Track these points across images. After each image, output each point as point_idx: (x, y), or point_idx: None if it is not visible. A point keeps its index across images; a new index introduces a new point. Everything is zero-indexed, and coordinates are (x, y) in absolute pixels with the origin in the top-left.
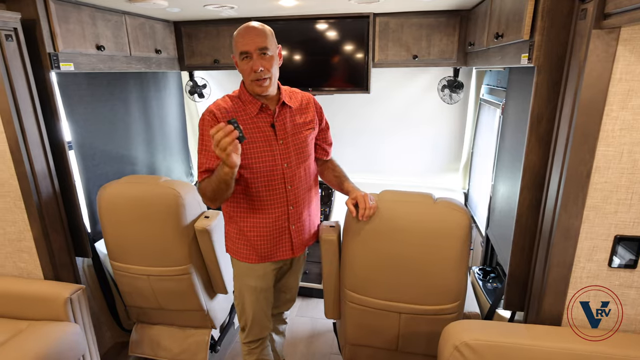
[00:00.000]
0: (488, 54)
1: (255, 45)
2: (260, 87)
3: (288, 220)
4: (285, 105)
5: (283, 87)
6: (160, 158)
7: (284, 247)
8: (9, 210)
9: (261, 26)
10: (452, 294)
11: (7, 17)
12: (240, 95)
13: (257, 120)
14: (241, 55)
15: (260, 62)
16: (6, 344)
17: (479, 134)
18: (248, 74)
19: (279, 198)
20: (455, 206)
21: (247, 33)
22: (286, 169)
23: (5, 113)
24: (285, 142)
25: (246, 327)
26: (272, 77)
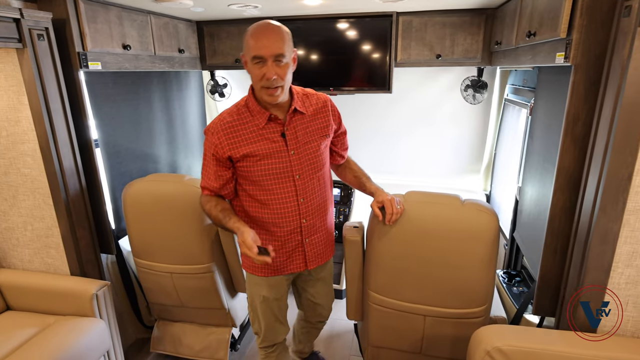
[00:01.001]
0: (517, 53)
1: (271, 52)
2: (270, 96)
3: (301, 234)
4: (297, 112)
5: (296, 90)
6: (181, 157)
7: (297, 260)
8: (37, 207)
9: (279, 28)
10: (479, 297)
11: (40, 17)
12: (248, 103)
13: (265, 132)
14: (254, 59)
15: (275, 69)
16: (35, 338)
17: (502, 135)
18: (259, 79)
19: (291, 212)
20: (484, 208)
21: (264, 35)
22: (298, 181)
23: (36, 112)
24: (297, 152)
25: (260, 333)
26: (285, 85)
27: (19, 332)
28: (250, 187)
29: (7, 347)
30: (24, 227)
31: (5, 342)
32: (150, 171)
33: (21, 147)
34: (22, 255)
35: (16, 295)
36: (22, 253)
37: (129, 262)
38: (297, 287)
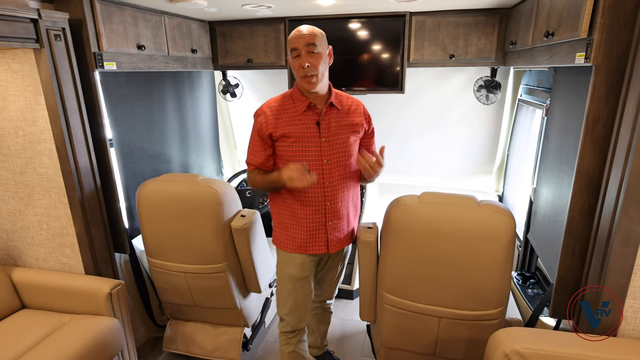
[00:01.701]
0: (533, 53)
1: (304, 41)
2: (308, 83)
3: (325, 215)
4: (333, 106)
5: (335, 90)
6: (193, 156)
7: (320, 241)
8: (53, 206)
9: (312, 27)
10: (495, 299)
11: (57, 17)
12: (293, 93)
13: (303, 118)
14: (292, 52)
15: (308, 58)
16: (51, 336)
17: (515, 136)
18: (297, 70)
19: (318, 193)
20: (501, 209)
21: (299, 31)
22: (326, 166)
23: (53, 111)
24: (328, 140)
25: (285, 316)
26: (319, 74)
27: (35, 331)
28: (284, 164)
29: (24, 345)
30: (39, 226)
31: (21, 340)
32: (162, 171)
33: (37, 146)
34: (37, 254)
35: (31, 293)
36: (37, 252)
37: (141, 261)
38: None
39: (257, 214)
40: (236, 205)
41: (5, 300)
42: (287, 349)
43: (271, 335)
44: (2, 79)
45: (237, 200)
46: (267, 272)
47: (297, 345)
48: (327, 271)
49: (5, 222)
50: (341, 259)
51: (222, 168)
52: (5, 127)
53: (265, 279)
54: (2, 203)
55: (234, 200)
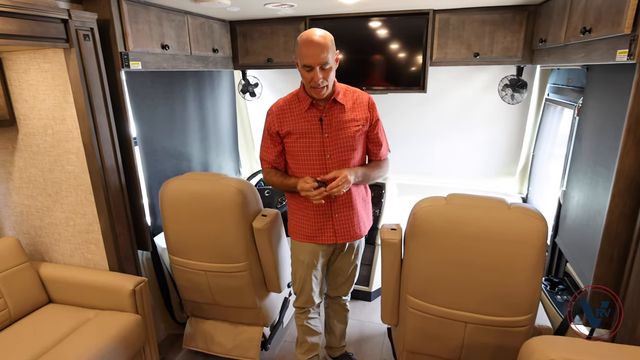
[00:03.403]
0: (565, 51)
1: (317, 61)
2: (317, 93)
3: (331, 207)
4: (336, 102)
5: (339, 85)
6: (213, 155)
7: (327, 232)
8: (79, 203)
9: (324, 39)
10: (525, 305)
11: (86, 18)
12: (298, 92)
13: (307, 115)
14: (304, 67)
15: (321, 73)
16: (77, 331)
17: (542, 136)
18: (308, 81)
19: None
20: (532, 212)
21: (312, 47)
22: (328, 160)
23: (81, 110)
24: (331, 135)
25: (296, 294)
26: (329, 84)
27: (62, 325)
28: (291, 162)
29: (52, 338)
30: (66, 222)
31: (49, 334)
32: (184, 169)
33: (66, 144)
34: (63, 249)
35: (58, 288)
36: (64, 248)
37: (163, 258)
38: (327, 263)
39: (278, 214)
40: (258, 205)
41: (34, 294)
42: (299, 321)
43: (289, 335)
44: (33, 79)
45: (258, 200)
46: (287, 272)
47: (307, 320)
48: (339, 264)
49: (34, 218)
50: (353, 254)
51: (240, 167)
52: (35, 126)
53: (285, 279)
54: (31, 200)
55: (255, 200)
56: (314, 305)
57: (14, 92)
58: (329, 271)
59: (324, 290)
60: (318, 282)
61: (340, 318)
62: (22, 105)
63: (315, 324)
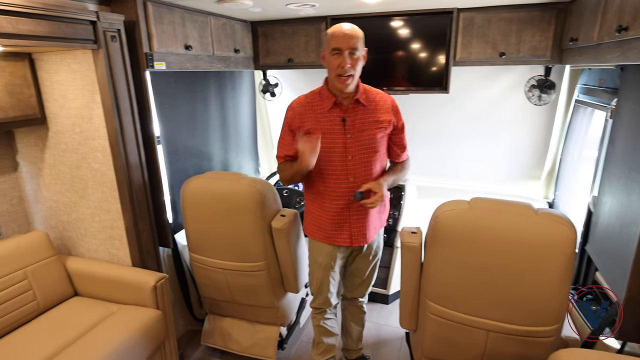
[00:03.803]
0: (599, 50)
1: (348, 45)
2: (342, 83)
3: (349, 209)
4: (359, 103)
5: (362, 86)
6: (233, 155)
7: (344, 234)
8: (105, 200)
9: (354, 28)
10: (551, 315)
11: (113, 19)
12: (321, 91)
13: (329, 114)
14: (333, 50)
15: (349, 60)
16: (101, 324)
17: (570, 139)
18: (335, 68)
19: (342, 187)
20: (561, 219)
21: (343, 32)
22: (350, 162)
23: (107, 110)
24: (353, 136)
25: (313, 294)
26: (355, 75)
27: (87, 317)
28: None
29: (77, 330)
30: (91, 218)
31: (74, 326)
32: (204, 168)
33: (92, 142)
34: (89, 244)
35: (83, 282)
36: (89, 243)
37: (183, 255)
38: (345, 264)
39: (297, 214)
40: (277, 204)
41: (61, 287)
42: (315, 322)
43: (305, 335)
44: (63, 79)
45: (277, 200)
46: (304, 272)
47: (323, 321)
48: (357, 265)
49: (62, 213)
50: (371, 255)
51: (259, 167)
52: (65, 124)
53: (303, 279)
54: (59, 195)
55: (275, 200)
56: (331, 306)
57: (45, 91)
58: (347, 272)
59: (340, 292)
60: (335, 283)
61: (357, 320)
62: (52, 105)
63: (332, 325)
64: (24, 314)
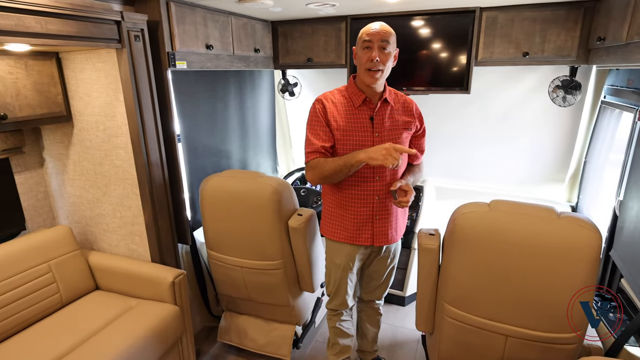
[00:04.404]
0: (628, 50)
1: (379, 37)
2: (371, 77)
3: (373, 209)
4: (387, 102)
5: (389, 87)
6: (251, 154)
7: (366, 234)
8: (126, 196)
9: (387, 26)
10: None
11: (137, 19)
12: (348, 88)
13: (358, 112)
14: (364, 43)
15: (379, 53)
16: (121, 318)
17: (595, 141)
18: (365, 61)
19: (368, 187)
20: (585, 223)
21: (375, 27)
22: None
23: (130, 108)
24: (381, 135)
25: (329, 295)
26: (385, 70)
27: (107, 311)
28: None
29: (98, 323)
30: (113, 214)
31: (95, 319)
32: (223, 167)
33: (115, 140)
34: (110, 240)
35: (104, 276)
36: (111, 238)
37: (201, 253)
38: (362, 266)
39: (313, 213)
40: (294, 204)
41: (84, 280)
42: (331, 323)
43: (320, 335)
44: (88, 77)
45: (295, 199)
46: (320, 271)
47: (340, 322)
48: (374, 268)
49: (85, 208)
50: (389, 258)
51: (277, 166)
52: (89, 122)
53: (319, 279)
54: (83, 191)
55: (292, 199)
56: (347, 308)
57: (70, 89)
58: (364, 274)
59: (357, 293)
60: (353, 285)
61: (372, 322)
62: (77, 102)
63: (348, 326)
64: (47, 307)
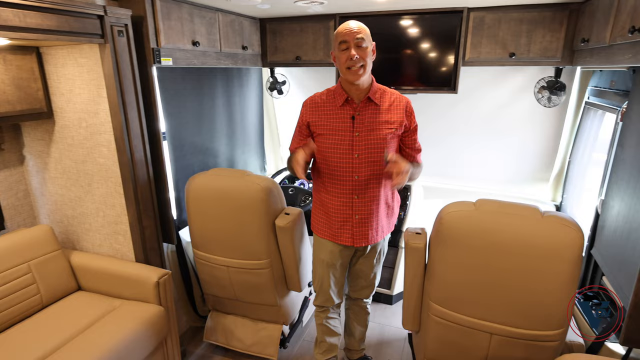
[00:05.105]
0: (610, 52)
1: (353, 36)
2: (354, 74)
3: (352, 208)
4: (371, 102)
5: (377, 85)
6: (239, 152)
7: (346, 233)
8: (110, 195)
9: (360, 24)
10: (556, 319)
11: (121, 14)
12: (335, 88)
13: (340, 111)
14: (340, 45)
15: (356, 50)
16: (104, 319)
17: (579, 142)
18: (344, 61)
19: (346, 185)
20: (568, 222)
21: (348, 27)
22: (356, 160)
23: (113, 105)
24: (361, 134)
25: (316, 292)
26: (366, 65)
27: (90, 312)
28: (319, 157)
29: (79, 325)
30: (96, 213)
31: (77, 320)
32: (210, 165)
33: (98, 137)
34: (93, 239)
35: (87, 277)
36: (94, 237)
37: (187, 252)
38: (350, 264)
39: (301, 212)
40: (281, 203)
41: (65, 281)
42: (318, 320)
43: (308, 334)
44: (70, 73)
45: (282, 198)
46: (307, 271)
47: (326, 320)
48: (360, 266)
49: (67, 207)
50: (375, 257)
51: (265, 165)
52: (71, 119)
53: (306, 278)
54: (65, 190)
55: (279, 198)
56: (333, 304)
57: (52, 85)
58: (351, 273)
59: (345, 291)
60: (337, 281)
61: (360, 320)
62: (59, 99)
63: (335, 324)
64: (27, 308)
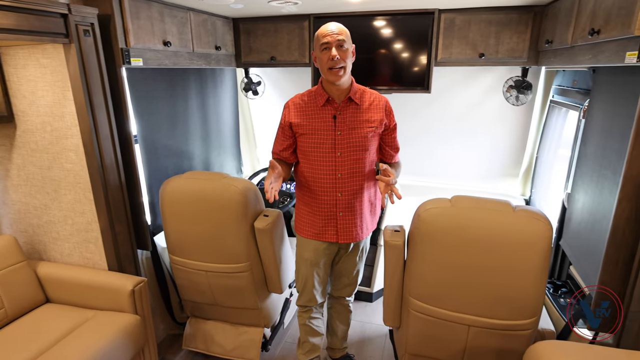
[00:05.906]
0: (572, 52)
1: (334, 38)
2: (335, 75)
3: (336, 206)
4: (352, 101)
5: (357, 85)
6: (214, 154)
7: (331, 230)
8: (78, 202)
9: (341, 26)
10: (529, 309)
11: (86, 13)
12: (316, 89)
13: (322, 111)
14: (322, 46)
15: (337, 51)
16: (75, 331)
17: (546, 138)
18: (325, 62)
19: (330, 184)
20: (538, 216)
21: (330, 29)
22: (339, 158)
23: (80, 107)
24: (343, 133)
25: (299, 292)
26: (346, 67)
27: (60, 325)
28: (302, 157)
29: (49, 339)
30: (64, 221)
31: (46, 334)
32: (185, 168)
33: (65, 142)
34: (62, 248)
35: (56, 288)
36: (62, 247)
37: (163, 258)
38: (332, 263)
39: (280, 214)
40: (259, 204)
41: (31, 294)
42: (301, 320)
43: (290, 336)
44: (32, 74)
45: (260, 199)
46: (288, 272)
47: (309, 320)
48: (343, 265)
49: (32, 216)
50: (358, 255)
51: (242, 166)
52: (34, 122)
53: (287, 280)
54: (29, 197)
55: (257, 200)
56: (317, 304)
57: (12, 87)
58: (333, 271)
59: (327, 290)
60: (321, 280)
61: (342, 319)
62: (20, 102)
63: (318, 324)
64: None
